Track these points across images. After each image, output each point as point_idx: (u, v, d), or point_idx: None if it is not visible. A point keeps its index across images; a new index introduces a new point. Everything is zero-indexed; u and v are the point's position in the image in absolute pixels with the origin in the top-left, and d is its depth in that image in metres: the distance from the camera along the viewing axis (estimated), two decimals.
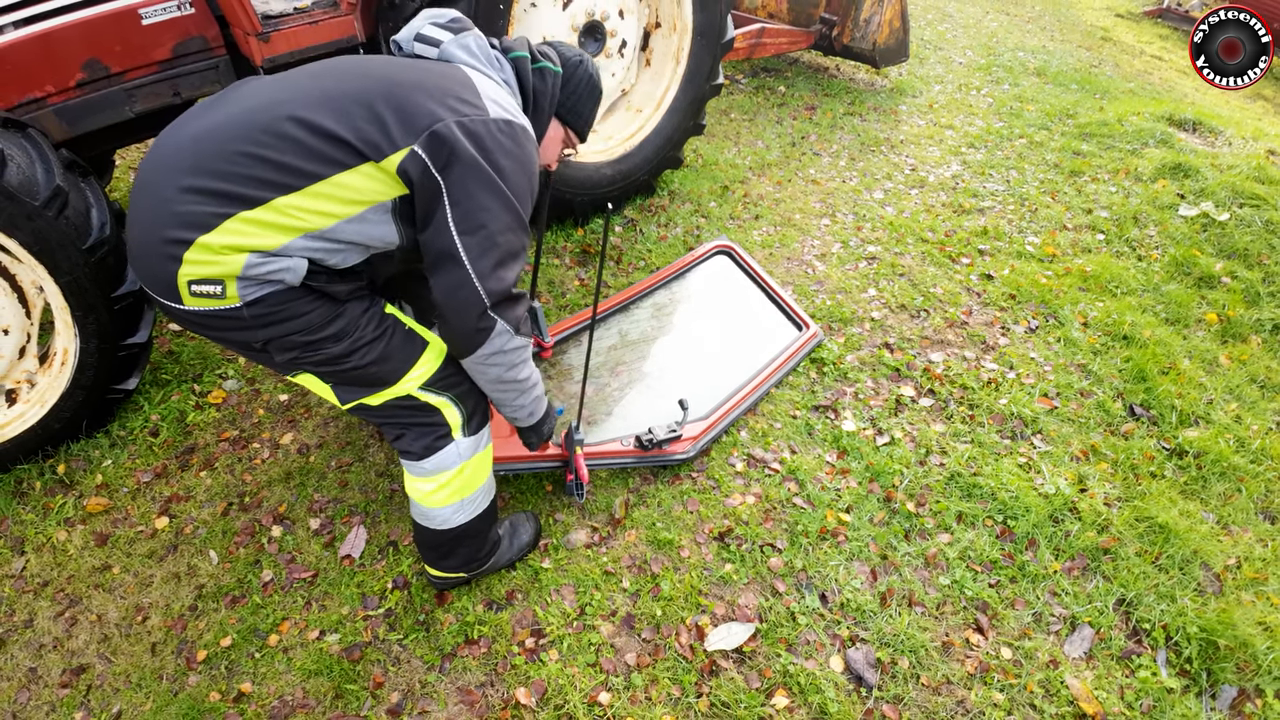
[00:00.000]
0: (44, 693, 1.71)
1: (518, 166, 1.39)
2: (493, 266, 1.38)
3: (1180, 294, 3.25)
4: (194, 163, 1.24)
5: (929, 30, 7.07)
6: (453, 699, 1.70)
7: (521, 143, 1.41)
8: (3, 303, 1.98)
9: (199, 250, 1.22)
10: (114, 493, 2.14)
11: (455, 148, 1.30)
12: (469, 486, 1.66)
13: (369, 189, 1.31)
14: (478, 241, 1.36)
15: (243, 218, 1.22)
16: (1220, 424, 2.61)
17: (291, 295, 1.33)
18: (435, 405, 1.55)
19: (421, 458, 1.59)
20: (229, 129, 1.26)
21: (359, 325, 1.43)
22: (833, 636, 1.87)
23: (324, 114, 1.26)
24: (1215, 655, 1.89)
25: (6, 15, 1.97)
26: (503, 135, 1.37)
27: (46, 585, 1.92)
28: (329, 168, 1.26)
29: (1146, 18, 9.40)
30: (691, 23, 3.21)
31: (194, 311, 1.30)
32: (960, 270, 3.34)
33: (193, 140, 1.27)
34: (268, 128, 1.24)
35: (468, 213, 1.34)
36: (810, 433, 2.44)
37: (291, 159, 1.24)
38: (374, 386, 1.50)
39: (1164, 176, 4.17)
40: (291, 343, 1.38)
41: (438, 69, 1.42)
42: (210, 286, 1.26)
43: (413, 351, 1.51)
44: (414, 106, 1.30)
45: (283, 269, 1.28)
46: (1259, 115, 6.32)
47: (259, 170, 1.22)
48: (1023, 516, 2.19)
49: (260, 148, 1.23)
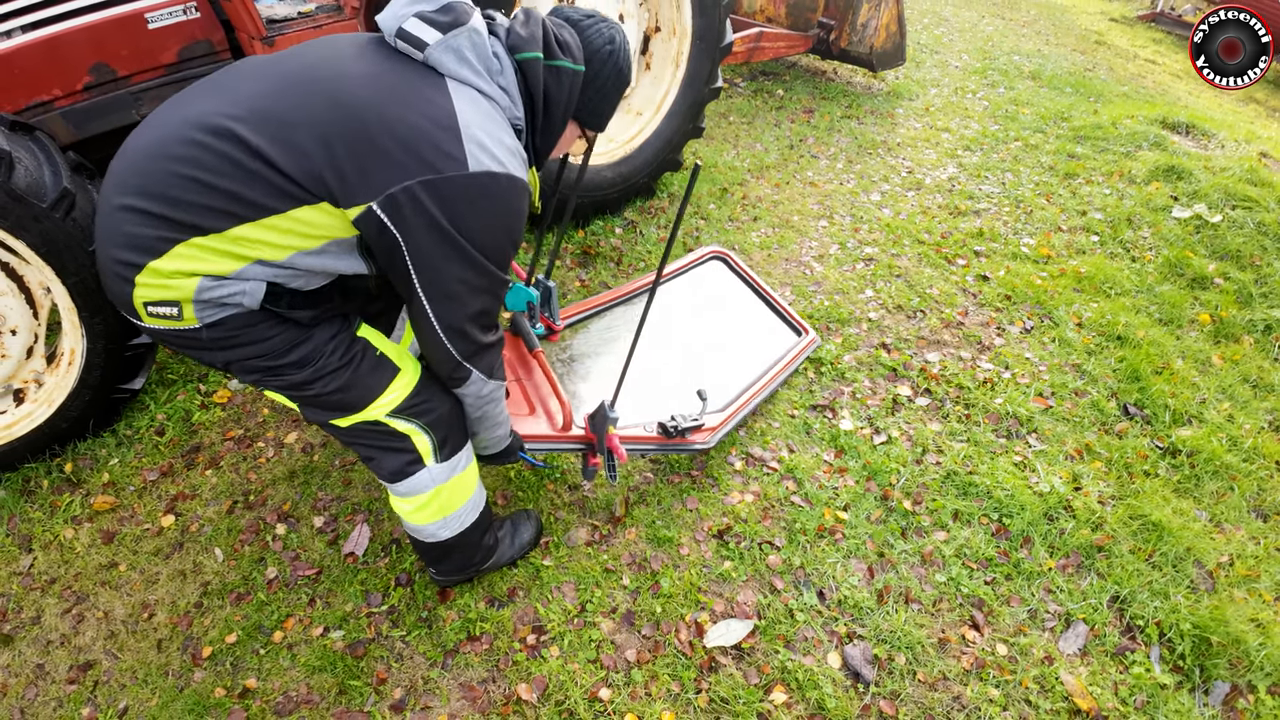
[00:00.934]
0: (51, 689, 1.71)
1: (496, 225, 1.24)
2: (462, 327, 1.32)
3: (1173, 295, 3.25)
4: (140, 183, 1.13)
5: (925, 34, 7.07)
6: (455, 695, 1.70)
7: (504, 197, 1.23)
8: (10, 303, 1.98)
9: (149, 274, 1.14)
10: (120, 491, 2.14)
11: (419, 212, 1.15)
12: (449, 506, 1.62)
13: (327, 225, 1.18)
14: (445, 306, 1.28)
15: (193, 244, 1.13)
16: (1213, 423, 2.61)
17: (252, 319, 1.23)
18: (404, 432, 1.46)
19: (393, 482, 1.54)
20: (172, 146, 1.13)
21: (323, 353, 1.33)
22: (830, 633, 1.87)
23: (275, 146, 1.11)
24: (1208, 652, 1.89)
25: (14, 20, 1.97)
26: (481, 197, 1.20)
27: (54, 582, 1.92)
28: (285, 202, 1.13)
29: (1140, 22, 9.41)
30: (691, 27, 3.21)
31: (154, 330, 1.24)
32: (956, 271, 3.34)
33: (139, 157, 1.16)
34: (213, 148, 1.11)
35: (433, 280, 1.23)
36: (808, 432, 2.44)
37: (243, 189, 1.11)
38: (340, 411, 1.42)
39: (1157, 179, 4.17)
40: (252, 366, 1.30)
41: (415, 91, 1.18)
42: (166, 308, 1.18)
43: (381, 379, 1.41)
44: (377, 158, 1.13)
45: (237, 292, 1.18)
46: (1251, 118, 6.32)
47: (208, 199, 1.11)
48: (1018, 514, 2.19)
49: (207, 172, 1.10)
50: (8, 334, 2.00)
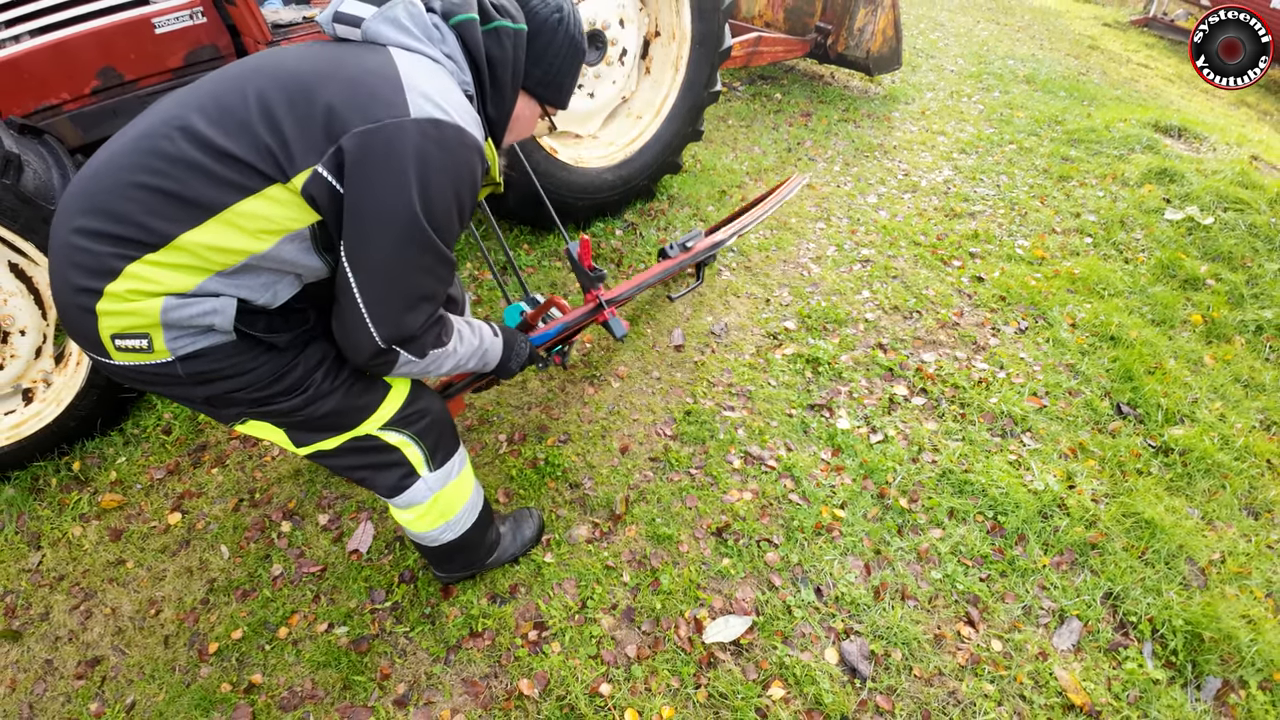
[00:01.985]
0: (60, 684, 1.71)
1: (444, 182, 1.10)
2: (396, 312, 1.16)
3: (1166, 296, 3.25)
4: (89, 203, 1.05)
5: (921, 39, 7.07)
6: (458, 690, 1.71)
7: (450, 148, 1.10)
8: (20, 304, 1.98)
9: (109, 300, 1.04)
10: (128, 489, 2.14)
11: (361, 163, 1.04)
12: (449, 511, 1.59)
13: (279, 216, 1.07)
14: (375, 279, 1.12)
15: (146, 260, 1.03)
16: (1205, 422, 2.61)
17: (232, 350, 1.14)
18: (395, 445, 1.41)
19: (391, 496, 1.50)
20: (122, 158, 1.06)
21: (314, 381, 1.25)
22: (828, 629, 1.87)
23: (220, 129, 1.04)
24: (1200, 647, 1.89)
25: (23, 24, 1.97)
26: (428, 141, 1.07)
27: (62, 579, 1.92)
28: (230, 194, 1.03)
29: (1133, 26, 9.40)
30: (690, 31, 3.21)
31: (124, 367, 1.12)
32: (952, 273, 3.34)
33: (89, 176, 1.07)
34: (160, 151, 1.04)
35: (368, 246, 1.09)
36: (806, 431, 2.44)
37: (187, 189, 1.03)
38: (332, 431, 1.34)
39: (1150, 181, 4.17)
40: (238, 399, 1.20)
41: (353, 56, 1.11)
42: (135, 340, 1.08)
43: (374, 398, 1.35)
44: (315, 113, 1.04)
45: (207, 311, 1.08)
46: (1243, 122, 6.32)
47: (155, 204, 1.02)
48: (1012, 512, 2.19)
49: (154, 176, 1.03)
50: (17, 334, 2.00)
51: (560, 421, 2.40)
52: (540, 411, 2.43)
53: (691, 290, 2.14)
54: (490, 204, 3.15)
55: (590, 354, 2.68)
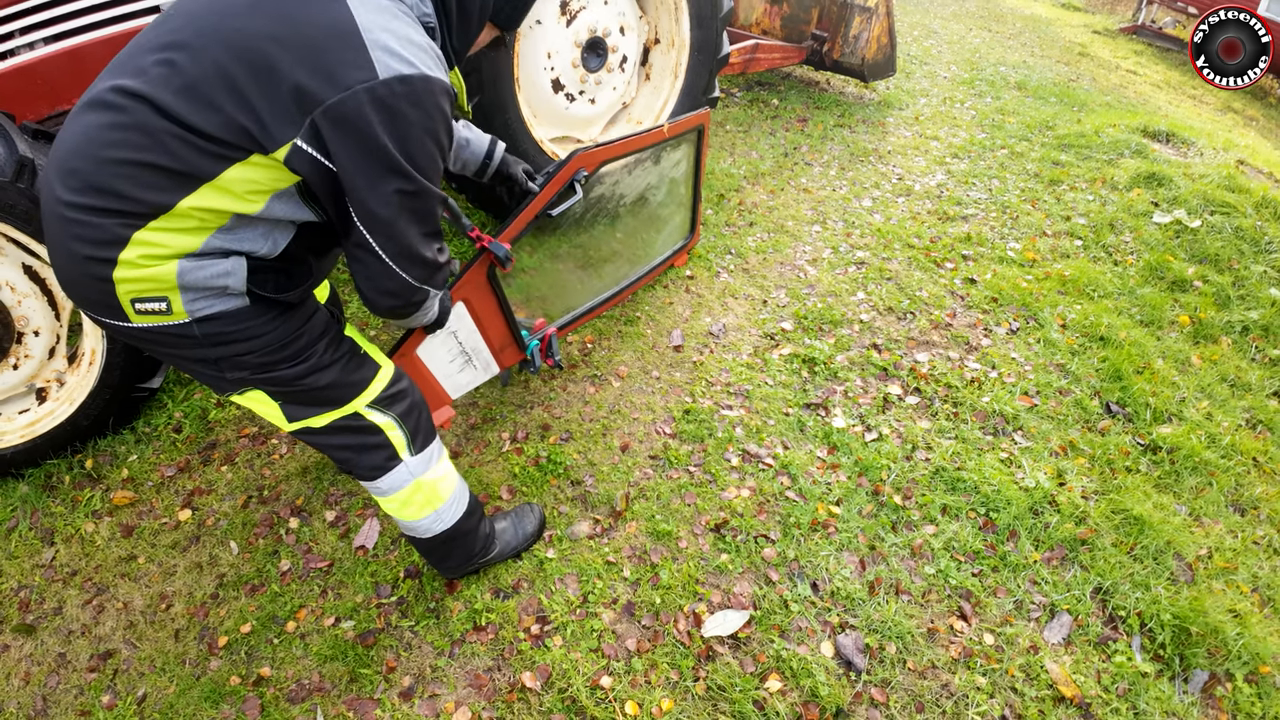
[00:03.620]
0: (73, 676, 1.71)
1: (421, 134, 1.12)
2: (411, 251, 1.21)
3: (1154, 297, 3.25)
4: (80, 180, 1.05)
5: (915, 46, 7.07)
6: (462, 682, 1.70)
7: (421, 101, 1.09)
8: (34, 305, 1.98)
9: (125, 267, 1.08)
10: (139, 486, 2.14)
11: (340, 133, 1.05)
12: (435, 498, 1.59)
13: (264, 179, 1.10)
14: (390, 232, 1.17)
15: (151, 228, 1.07)
16: (1192, 421, 2.61)
17: (246, 315, 1.20)
18: (380, 426, 1.44)
19: (373, 479, 1.51)
20: (98, 132, 1.05)
21: (316, 350, 1.32)
22: (823, 623, 1.87)
23: (190, 105, 1.02)
24: (1188, 641, 1.89)
25: (37, 32, 1.97)
26: (398, 104, 1.07)
27: (75, 574, 1.92)
28: (217, 164, 1.06)
29: (1122, 34, 9.41)
30: (689, 39, 3.21)
31: (142, 329, 1.16)
32: (945, 275, 3.34)
33: (72, 151, 1.07)
34: (136, 124, 1.03)
35: (372, 206, 1.13)
36: (802, 429, 2.44)
37: (175, 162, 1.04)
38: (326, 405, 1.39)
39: (1139, 185, 4.17)
40: (246, 363, 1.25)
41: (304, 10, 1.04)
42: (154, 303, 1.12)
43: (366, 374, 1.42)
44: (283, 91, 1.02)
45: (221, 273, 1.14)
46: (1229, 127, 6.32)
47: (147, 178, 1.04)
48: (1004, 509, 2.19)
49: (138, 151, 1.03)
50: (31, 335, 2.00)
51: (562, 420, 2.40)
52: (542, 410, 2.43)
53: (571, 203, 2.08)
54: (491, 206, 3.16)
55: (592, 354, 2.68)
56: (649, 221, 2.89)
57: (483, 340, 2.15)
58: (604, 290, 2.72)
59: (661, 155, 2.66)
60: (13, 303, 1.94)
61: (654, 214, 2.89)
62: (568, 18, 2.77)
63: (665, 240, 3.06)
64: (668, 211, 2.96)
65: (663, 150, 2.64)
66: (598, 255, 2.68)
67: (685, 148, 2.80)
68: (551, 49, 2.78)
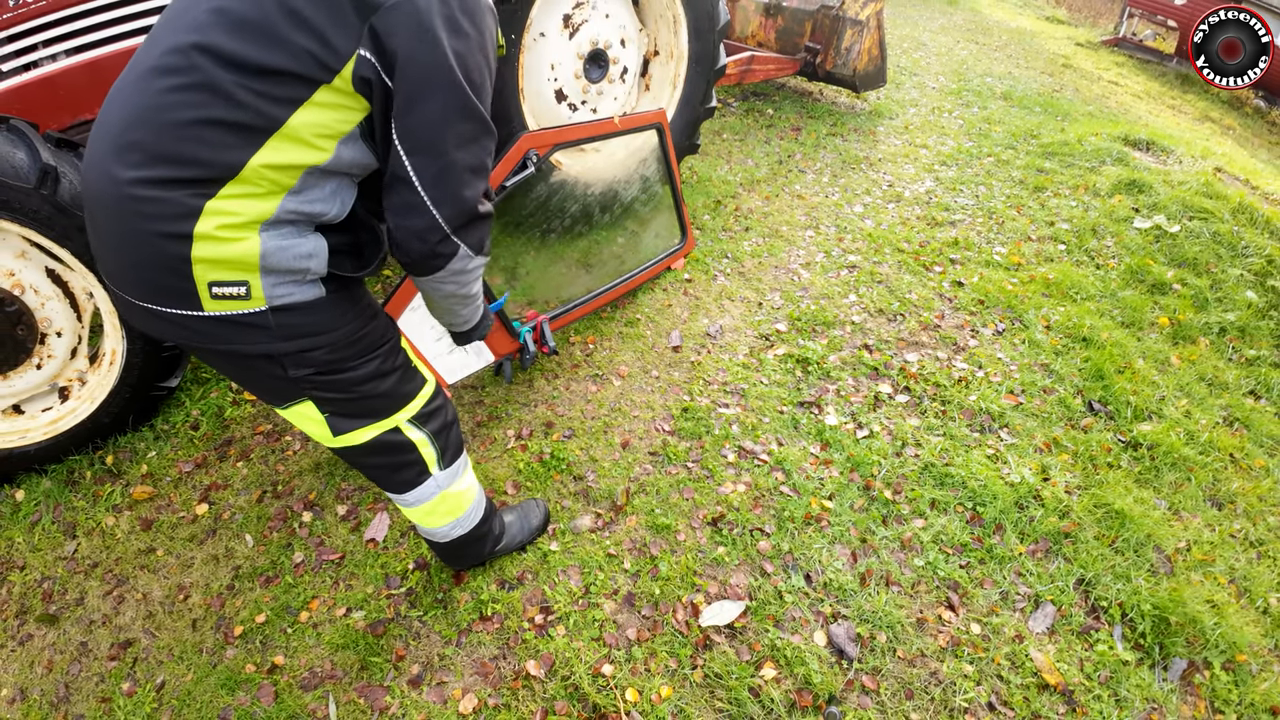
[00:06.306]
0: (94, 665, 1.71)
1: (475, 49, 1.04)
2: (452, 188, 1.09)
3: (1135, 299, 3.25)
4: (143, 153, 0.97)
5: (905, 58, 7.07)
6: (468, 670, 1.70)
7: (475, 16, 1.04)
8: (56, 307, 1.98)
9: (203, 243, 1.00)
10: (158, 481, 2.14)
11: (400, 35, 0.98)
12: (457, 508, 1.59)
13: (331, 120, 1.03)
14: (432, 152, 1.06)
15: (222, 195, 0.99)
16: (1171, 419, 2.61)
17: (323, 307, 1.14)
18: (415, 442, 1.41)
19: (401, 493, 1.49)
20: (154, 97, 0.98)
21: (381, 353, 1.28)
22: (816, 613, 1.87)
23: (248, 43, 0.95)
24: (1167, 630, 1.89)
25: (61, 44, 1.97)
26: (455, 9, 1.01)
27: (96, 566, 1.92)
28: (283, 109, 0.99)
29: (1104, 46, 9.40)
30: (687, 51, 3.21)
31: (214, 318, 1.06)
32: (933, 278, 3.34)
33: (126, 123, 0.99)
34: (194, 82, 0.96)
35: (417, 121, 1.03)
36: (796, 426, 2.44)
37: (240, 114, 0.97)
38: (372, 417, 1.33)
39: (1120, 192, 4.17)
40: (313, 359, 1.18)
41: None
42: (233, 287, 1.04)
43: (414, 387, 1.38)
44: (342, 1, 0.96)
45: (305, 254, 1.07)
46: (1207, 136, 6.32)
47: (214, 136, 0.97)
48: (990, 503, 2.19)
49: (200, 109, 0.96)
50: (53, 335, 2.00)
51: (565, 418, 2.40)
52: (546, 408, 2.43)
53: (522, 177, 2.13)
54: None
55: (594, 354, 2.68)
56: (627, 216, 2.92)
57: None
58: (595, 286, 2.74)
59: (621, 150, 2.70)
60: (36, 305, 1.94)
61: (631, 210, 2.91)
62: (570, 31, 2.77)
63: (653, 240, 3.07)
64: (648, 211, 2.98)
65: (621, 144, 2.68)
66: (581, 248, 2.73)
67: (650, 147, 2.82)
68: (555, 60, 2.78)
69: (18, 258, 1.88)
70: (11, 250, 1.87)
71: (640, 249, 3.01)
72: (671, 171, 2.88)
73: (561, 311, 2.56)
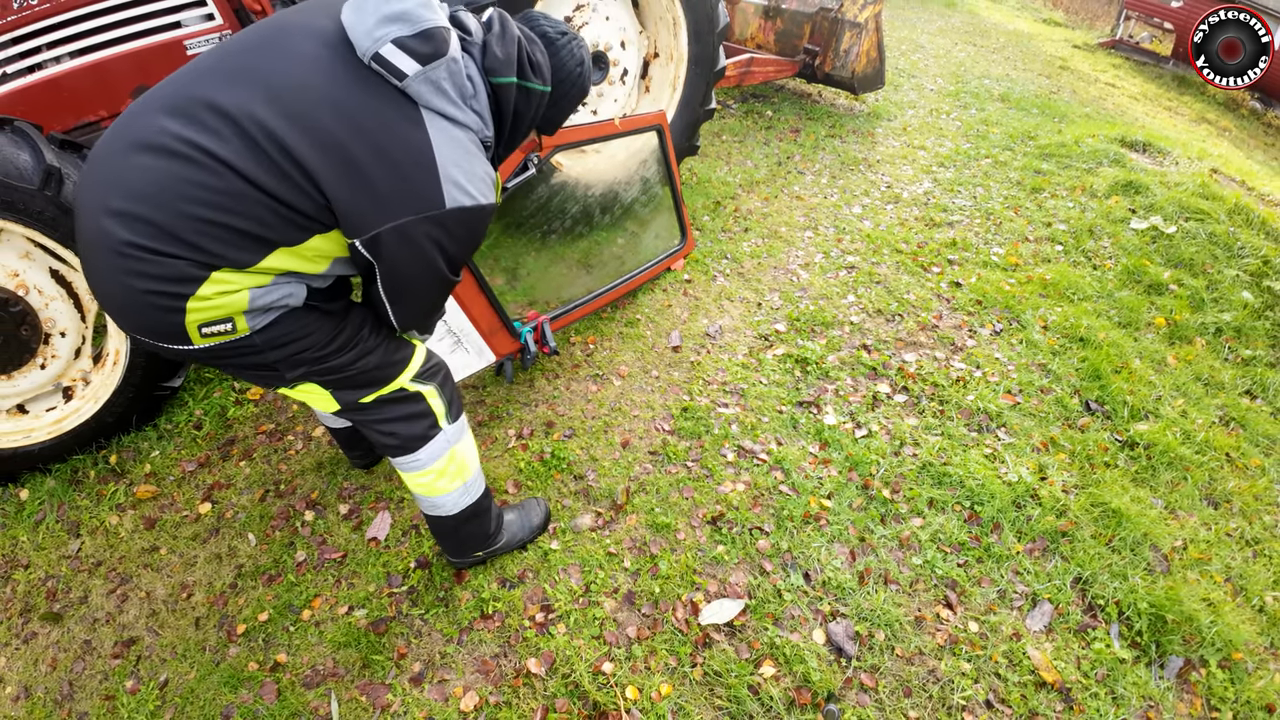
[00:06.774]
0: (97, 663, 1.71)
1: (465, 247, 1.26)
2: (413, 314, 1.37)
3: (1131, 300, 3.25)
4: (154, 230, 1.06)
5: (903, 60, 7.07)
6: (469, 668, 1.71)
7: (474, 225, 1.23)
8: (60, 308, 1.98)
9: (198, 301, 1.11)
10: (161, 481, 2.14)
11: (397, 246, 1.17)
12: (464, 470, 1.63)
13: (331, 248, 1.23)
14: (404, 302, 1.32)
15: (227, 270, 1.12)
16: (1168, 418, 2.62)
17: (298, 316, 1.26)
18: (423, 394, 1.50)
19: (415, 450, 1.53)
20: (174, 185, 1.05)
21: (361, 337, 1.38)
22: (815, 612, 1.87)
23: (279, 183, 1.08)
24: (1163, 629, 1.89)
25: (64, 47, 1.97)
26: (453, 227, 1.19)
27: (100, 565, 1.92)
28: (299, 234, 1.15)
29: (1101, 48, 9.40)
30: (687, 53, 3.21)
31: (206, 349, 1.19)
32: (931, 278, 3.34)
33: (136, 198, 1.06)
34: (209, 184, 1.05)
35: (398, 289, 1.27)
36: (795, 426, 2.44)
37: (262, 229, 1.11)
38: (373, 386, 1.44)
39: (1117, 193, 4.17)
40: (303, 359, 1.31)
41: (396, 128, 1.12)
42: (220, 326, 1.16)
43: (405, 354, 1.48)
44: (370, 199, 1.12)
45: (286, 295, 1.21)
46: (1203, 137, 6.32)
47: (230, 238, 1.09)
48: (988, 502, 2.19)
49: (218, 212, 1.07)
50: (58, 336, 2.00)
51: (565, 418, 2.40)
52: (547, 408, 2.43)
53: (523, 179, 2.16)
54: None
55: (594, 354, 2.69)
56: (627, 217, 2.92)
57: (469, 322, 2.16)
58: (595, 286, 2.74)
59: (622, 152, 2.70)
60: (40, 305, 1.94)
61: (632, 211, 2.91)
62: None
63: (653, 241, 3.07)
64: (648, 212, 2.98)
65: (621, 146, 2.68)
66: (581, 249, 2.73)
67: (650, 148, 2.81)
68: None
69: (22, 258, 1.88)
70: (16, 251, 1.87)
71: (640, 250, 3.01)
72: (671, 173, 2.88)
73: (562, 312, 2.56)
